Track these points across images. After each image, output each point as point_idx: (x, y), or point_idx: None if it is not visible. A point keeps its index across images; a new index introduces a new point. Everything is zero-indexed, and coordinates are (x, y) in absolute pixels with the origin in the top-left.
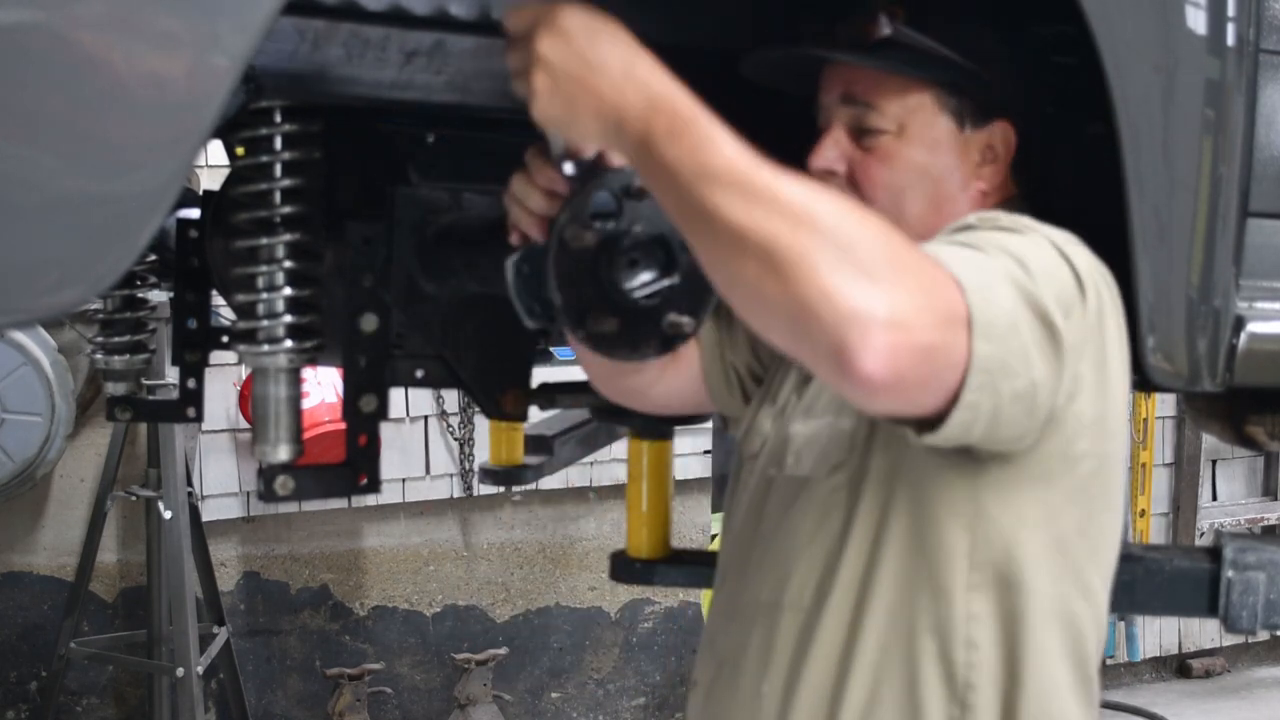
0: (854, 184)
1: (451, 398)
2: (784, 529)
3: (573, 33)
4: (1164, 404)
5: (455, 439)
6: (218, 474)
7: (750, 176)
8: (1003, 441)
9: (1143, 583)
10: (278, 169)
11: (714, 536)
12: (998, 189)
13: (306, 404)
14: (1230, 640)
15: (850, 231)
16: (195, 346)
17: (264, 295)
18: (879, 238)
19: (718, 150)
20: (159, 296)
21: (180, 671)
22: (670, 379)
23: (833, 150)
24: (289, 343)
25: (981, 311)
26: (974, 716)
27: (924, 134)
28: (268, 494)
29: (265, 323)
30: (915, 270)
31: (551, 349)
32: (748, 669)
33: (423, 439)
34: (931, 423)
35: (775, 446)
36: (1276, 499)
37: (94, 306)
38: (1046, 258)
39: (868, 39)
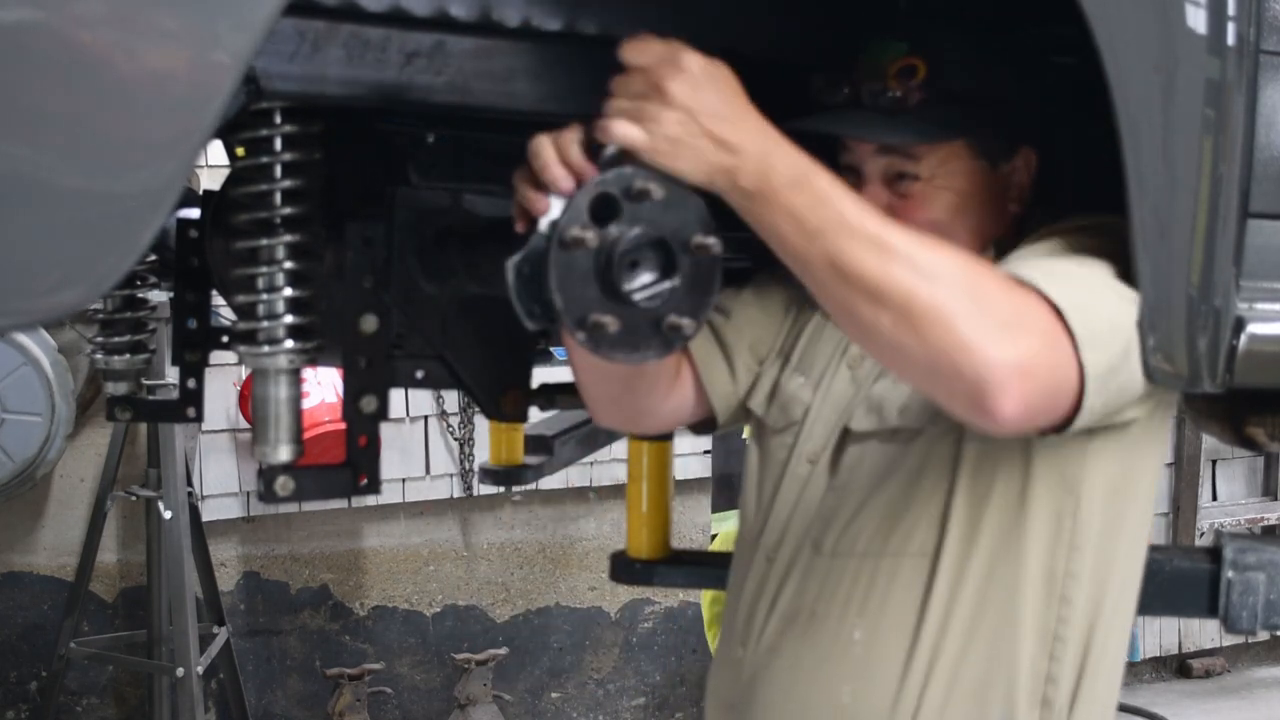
0: None
1: (451, 398)
2: (882, 480)
3: (699, 76)
4: None
5: (455, 439)
6: (218, 474)
7: (882, 231)
8: (1114, 421)
9: (1143, 583)
10: (278, 170)
11: (714, 536)
12: (1024, 203)
13: (306, 404)
14: (1230, 640)
15: (975, 284)
16: (195, 346)
17: (264, 296)
18: (1000, 288)
19: (845, 203)
20: (159, 296)
21: (180, 671)
22: (679, 393)
23: (872, 203)
24: (289, 343)
25: (1084, 328)
26: (1059, 669)
27: (958, 180)
28: (268, 494)
29: (265, 323)
30: (1030, 316)
31: (551, 349)
32: (830, 618)
33: (423, 439)
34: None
35: (844, 406)
36: (1276, 499)
37: (94, 306)
38: (1107, 240)
39: (895, 108)
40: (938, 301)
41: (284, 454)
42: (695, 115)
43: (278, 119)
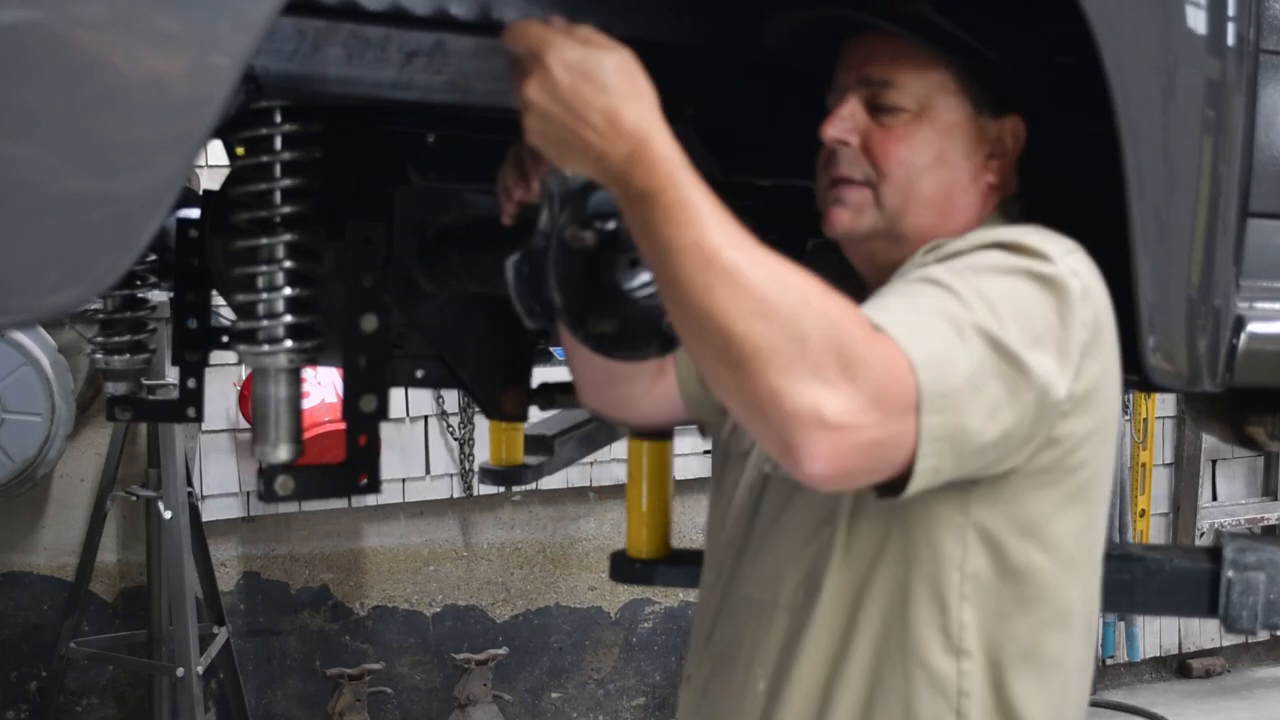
0: (869, 155)
1: (451, 398)
2: (778, 527)
3: (560, 78)
4: (1164, 404)
5: (455, 439)
6: (218, 474)
7: (717, 256)
8: (981, 475)
9: (1143, 583)
10: (278, 169)
11: None
12: (1004, 184)
13: (306, 404)
14: (1230, 640)
15: (807, 324)
16: (195, 346)
17: (264, 295)
18: (833, 329)
19: (689, 220)
20: (159, 296)
21: (180, 671)
22: (662, 387)
23: (848, 121)
24: (289, 343)
25: (933, 386)
26: None
27: (941, 116)
28: (268, 494)
29: (265, 323)
30: (866, 363)
31: (551, 349)
32: (741, 665)
33: (423, 439)
34: (893, 485)
35: None
36: (1276, 499)
37: (94, 306)
38: (1023, 294)
39: (894, 11)
40: (752, 341)
41: (284, 454)
42: (549, 112)
43: (278, 118)
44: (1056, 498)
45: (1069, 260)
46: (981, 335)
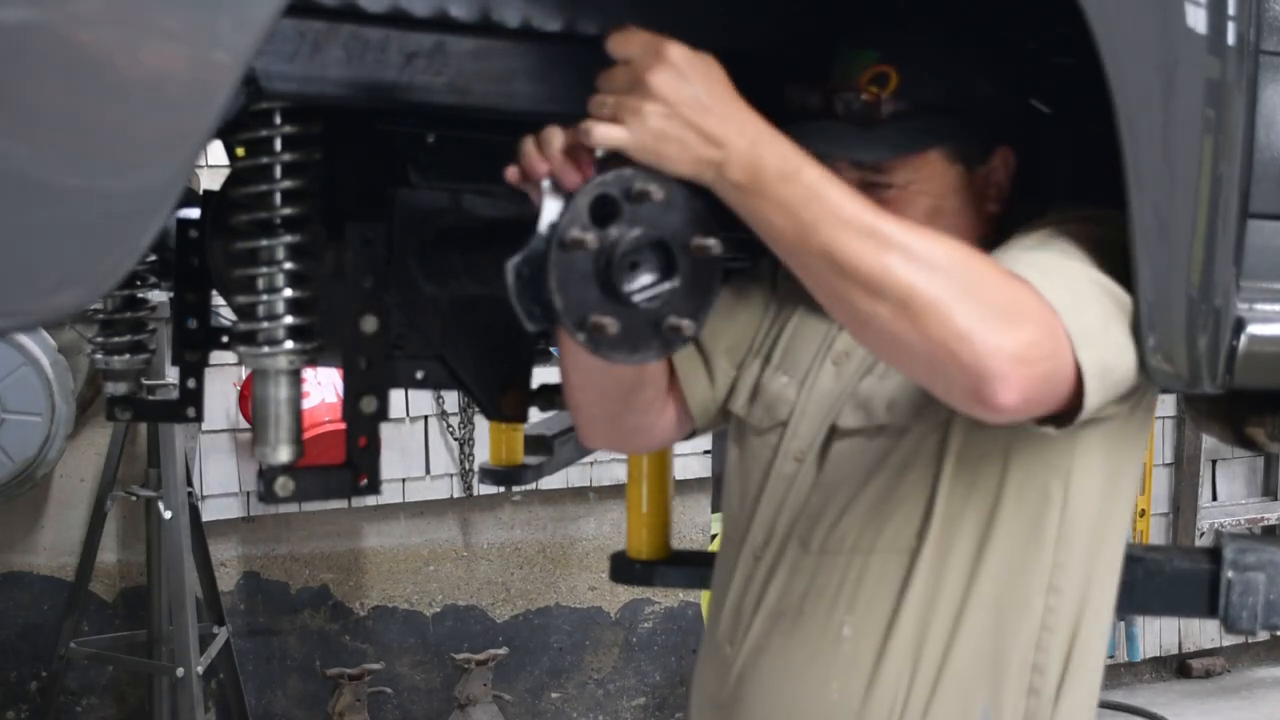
0: None
1: (451, 398)
2: (869, 476)
3: (683, 68)
4: (1164, 404)
5: (455, 439)
6: (218, 474)
7: (877, 222)
8: (1098, 417)
9: (1143, 583)
10: (278, 170)
11: (714, 536)
12: (1004, 205)
13: (306, 404)
14: (1230, 640)
15: (972, 274)
16: (195, 346)
17: (264, 297)
18: (995, 279)
19: (837, 194)
20: (159, 296)
21: (180, 671)
22: (670, 411)
23: None
24: (289, 344)
25: (1077, 325)
26: (1047, 659)
27: (933, 184)
28: (268, 495)
29: (265, 324)
30: (1026, 306)
31: (551, 349)
32: (819, 615)
33: (423, 439)
34: (1051, 418)
35: (830, 403)
36: (1276, 499)
37: (94, 306)
38: (1098, 235)
39: (868, 115)
40: (934, 291)
41: (284, 454)
42: (678, 108)
43: (278, 119)
44: (1132, 448)
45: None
46: (1095, 283)
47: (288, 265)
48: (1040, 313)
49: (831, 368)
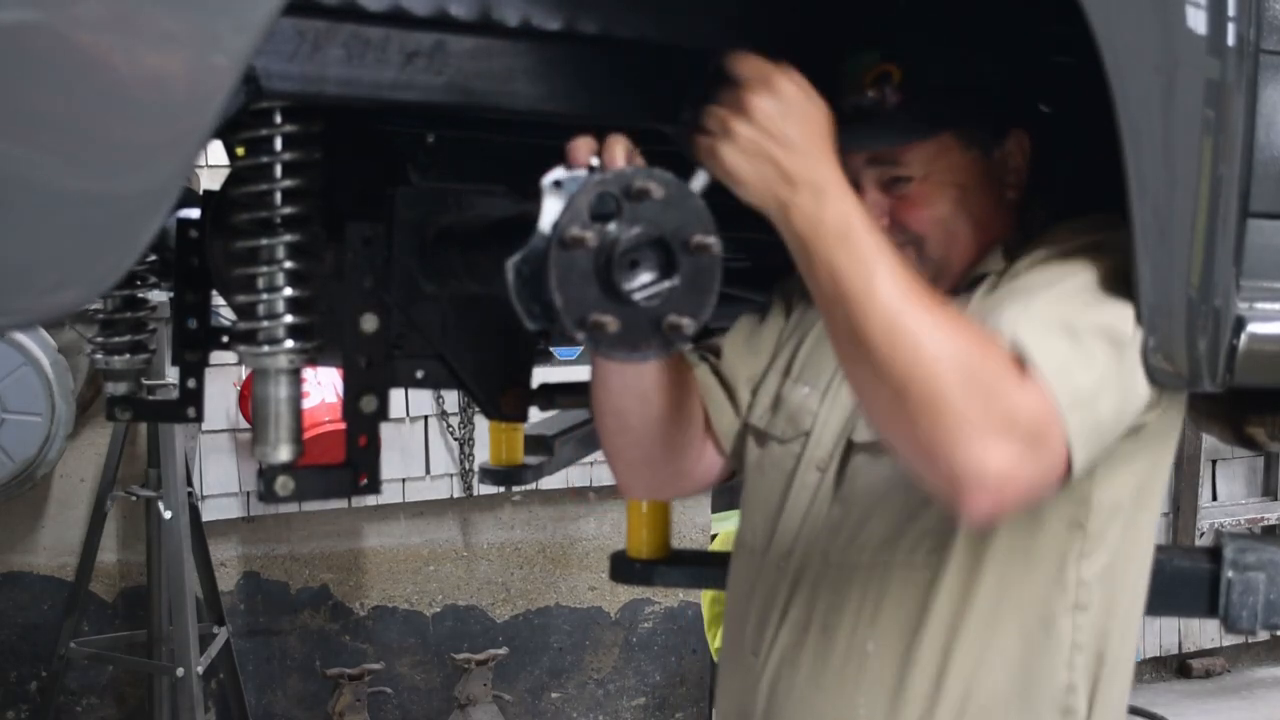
0: (899, 228)
1: (451, 398)
2: (887, 490)
3: (789, 103)
4: None
5: (455, 439)
6: (218, 474)
7: (904, 308)
8: (1124, 434)
9: None
10: (278, 169)
11: (714, 537)
12: (1023, 192)
13: (306, 404)
14: (1230, 640)
15: (976, 383)
16: (195, 346)
17: (264, 296)
18: (997, 382)
19: (880, 270)
20: (159, 296)
21: (180, 671)
22: (709, 452)
23: (873, 210)
24: (289, 343)
25: (1068, 394)
26: (1078, 676)
27: (951, 171)
28: (268, 494)
29: (265, 323)
30: (1022, 414)
31: (551, 349)
32: (843, 630)
33: (423, 439)
34: None
35: (850, 414)
36: (1276, 499)
37: (94, 306)
38: (1106, 261)
39: (878, 110)
40: (932, 394)
41: (284, 454)
42: (769, 138)
43: (278, 118)
44: (1160, 454)
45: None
46: (1097, 333)
47: (288, 264)
48: (1035, 420)
49: None
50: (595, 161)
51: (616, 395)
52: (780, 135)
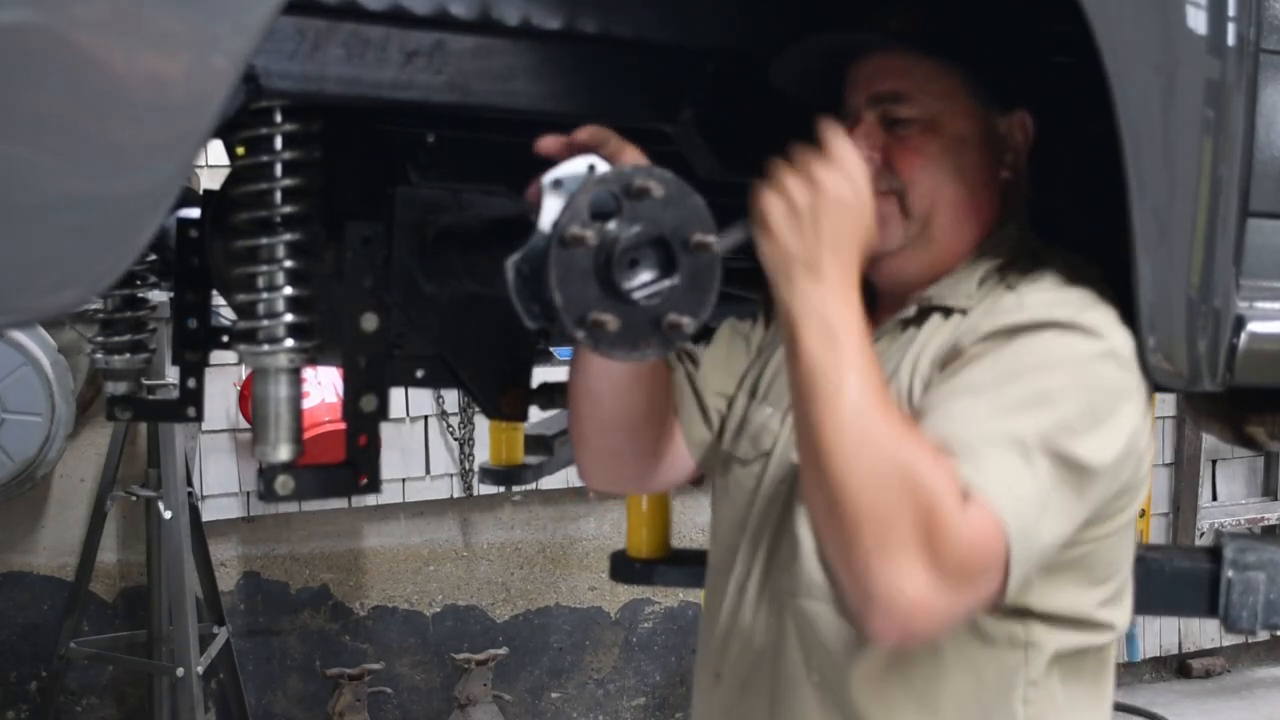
0: (891, 168)
1: (451, 398)
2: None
3: (849, 199)
4: (1164, 404)
5: (455, 439)
6: (218, 474)
7: (864, 424)
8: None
9: (1143, 583)
10: (278, 169)
11: None
12: (1018, 179)
13: (306, 404)
14: (1230, 640)
15: (913, 507)
16: (195, 346)
17: (264, 295)
18: (933, 505)
19: (852, 381)
20: (159, 296)
21: (180, 671)
22: (674, 452)
23: (866, 139)
24: (289, 342)
25: (1016, 520)
26: (1038, 711)
27: (954, 120)
28: (268, 494)
29: (265, 322)
30: (957, 543)
31: (551, 349)
32: (793, 657)
33: (423, 439)
34: None
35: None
36: (1276, 499)
37: (94, 306)
38: (1079, 379)
39: (893, 29)
40: (860, 517)
41: (284, 453)
42: (817, 220)
43: (278, 117)
44: (1119, 540)
45: (1117, 333)
46: (1046, 452)
47: (288, 263)
48: (969, 550)
49: None
50: (595, 160)
51: (595, 379)
52: (827, 223)
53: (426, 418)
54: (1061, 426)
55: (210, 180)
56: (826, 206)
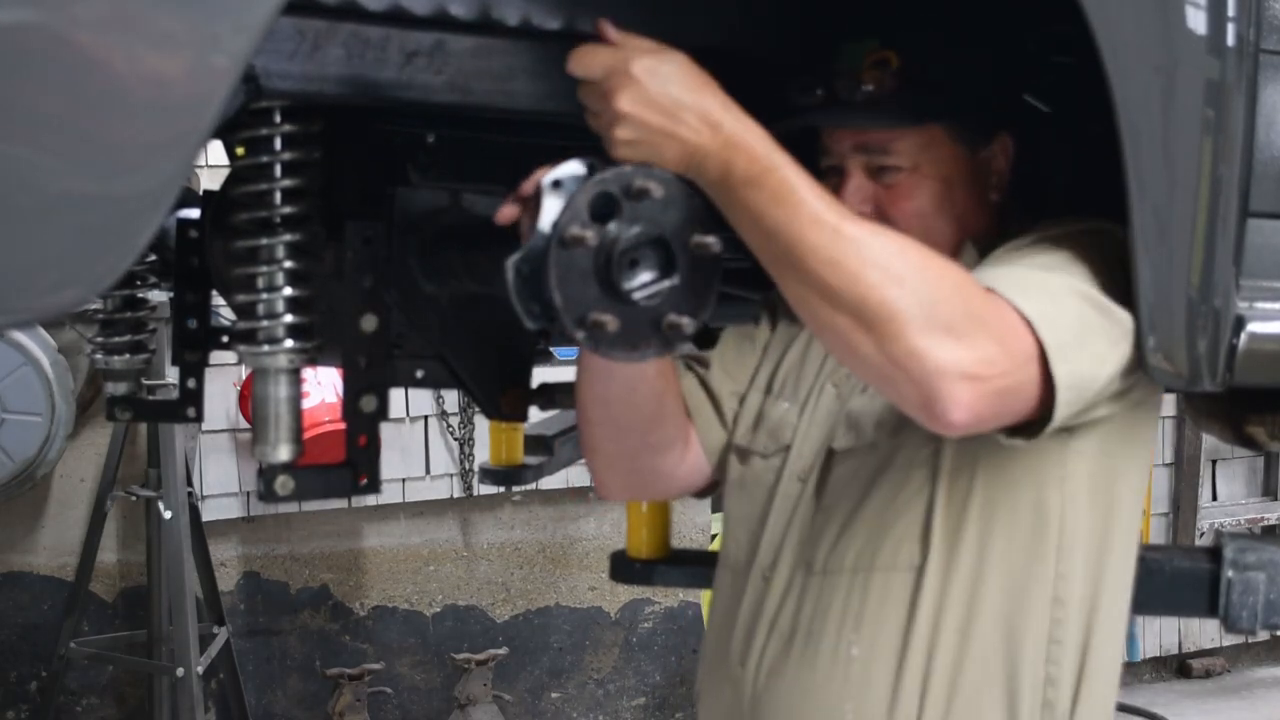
0: (882, 218)
1: (451, 398)
2: (866, 495)
3: (646, 81)
4: (1164, 404)
5: (455, 439)
6: (218, 474)
7: (836, 231)
8: (1085, 420)
9: (1143, 583)
10: (278, 169)
11: (714, 536)
12: (1006, 199)
13: (306, 404)
14: (1230, 640)
15: (932, 287)
16: (195, 346)
17: (264, 295)
18: (956, 289)
19: (801, 200)
20: (159, 296)
21: (180, 671)
22: (691, 458)
23: (857, 195)
24: (289, 343)
25: (1052, 337)
26: (1059, 671)
27: (939, 165)
28: (268, 494)
29: (265, 323)
30: (989, 318)
31: (551, 349)
32: (828, 636)
33: (423, 439)
34: (1021, 428)
35: (829, 425)
36: (1276, 499)
37: (94, 306)
38: (1086, 247)
39: (873, 95)
40: (889, 305)
41: (284, 453)
42: (649, 123)
43: (277, 118)
44: (1133, 452)
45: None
46: (1076, 294)
47: (288, 263)
48: (1002, 326)
49: (832, 389)
50: (595, 161)
51: (601, 383)
52: (653, 111)
53: (426, 418)
54: (1087, 282)
55: (210, 180)
56: (632, 112)
